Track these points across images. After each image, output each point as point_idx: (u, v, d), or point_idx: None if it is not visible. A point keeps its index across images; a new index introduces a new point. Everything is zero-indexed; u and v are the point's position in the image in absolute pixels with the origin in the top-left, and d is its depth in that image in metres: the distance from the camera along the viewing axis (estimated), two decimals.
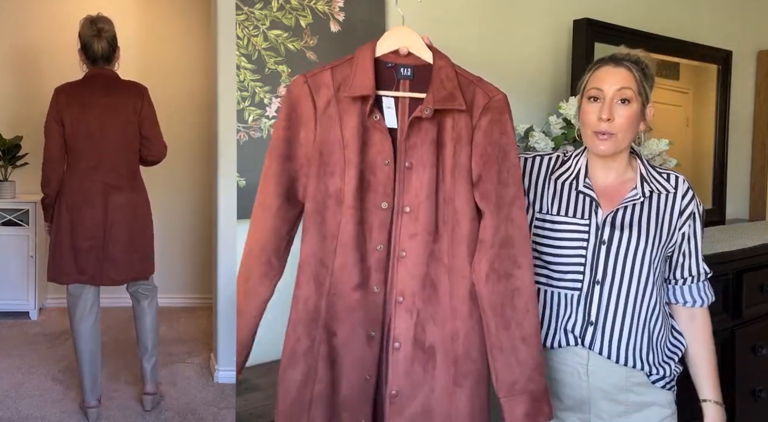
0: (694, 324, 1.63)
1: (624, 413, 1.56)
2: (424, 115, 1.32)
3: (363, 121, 1.34)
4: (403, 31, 1.40)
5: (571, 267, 1.56)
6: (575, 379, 1.57)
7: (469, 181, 1.35)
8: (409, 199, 1.35)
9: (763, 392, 2.73)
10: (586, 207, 1.56)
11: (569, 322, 1.56)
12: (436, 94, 1.33)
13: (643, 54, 1.56)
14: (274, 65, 1.98)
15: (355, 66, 1.36)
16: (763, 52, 3.73)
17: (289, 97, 1.38)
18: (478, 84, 1.39)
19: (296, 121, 1.37)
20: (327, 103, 1.36)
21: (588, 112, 1.53)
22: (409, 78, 1.38)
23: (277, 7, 1.97)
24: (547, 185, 1.61)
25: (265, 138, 1.98)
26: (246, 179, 1.97)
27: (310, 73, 1.38)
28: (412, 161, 1.35)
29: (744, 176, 3.75)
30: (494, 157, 1.35)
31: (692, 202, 1.58)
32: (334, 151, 1.35)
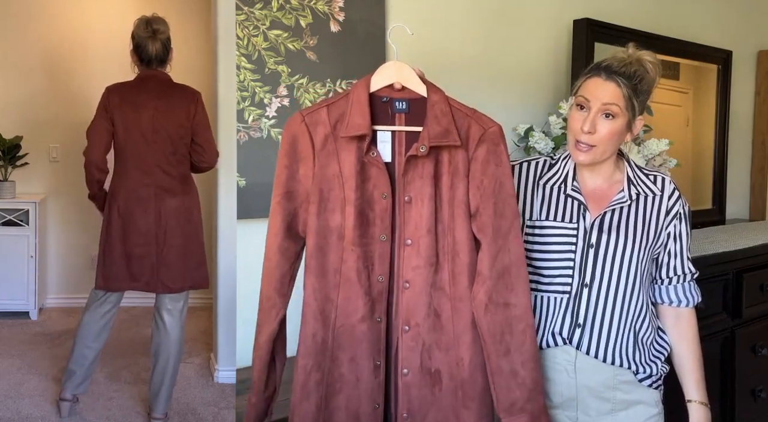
0: (680, 324, 1.64)
1: (611, 411, 1.57)
2: (419, 153, 1.36)
3: (360, 157, 1.38)
4: (396, 66, 1.42)
5: (560, 271, 1.57)
6: (563, 377, 1.59)
7: (467, 213, 1.40)
8: (410, 231, 1.40)
9: (763, 392, 2.73)
10: (574, 211, 1.57)
11: (557, 325, 1.58)
12: (431, 131, 1.37)
13: (649, 58, 1.53)
14: (274, 65, 1.98)
15: (350, 104, 1.39)
16: (763, 52, 3.73)
17: (288, 134, 1.42)
18: (473, 116, 1.42)
19: (296, 157, 1.41)
20: (324, 140, 1.39)
21: (574, 119, 1.54)
22: (405, 111, 1.42)
23: (277, 7, 1.97)
24: (536, 192, 1.62)
25: (265, 138, 1.98)
26: (246, 179, 1.97)
27: (306, 111, 1.42)
28: (410, 195, 1.40)
29: (744, 176, 3.75)
30: (491, 190, 1.39)
31: (678, 203, 1.59)
32: (333, 187, 1.39)
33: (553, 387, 1.60)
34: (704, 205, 3.36)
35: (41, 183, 4.06)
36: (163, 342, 2.55)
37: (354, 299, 1.39)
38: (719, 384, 2.59)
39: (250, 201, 1.97)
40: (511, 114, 2.49)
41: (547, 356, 1.60)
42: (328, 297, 1.40)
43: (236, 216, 1.98)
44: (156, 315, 2.59)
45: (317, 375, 1.42)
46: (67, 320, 3.86)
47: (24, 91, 4.04)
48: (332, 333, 1.41)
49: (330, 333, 1.41)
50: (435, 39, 2.26)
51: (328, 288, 1.40)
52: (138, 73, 2.53)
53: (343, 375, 1.41)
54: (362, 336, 1.40)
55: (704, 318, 2.33)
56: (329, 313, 1.40)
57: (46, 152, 4.03)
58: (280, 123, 1.99)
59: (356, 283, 1.39)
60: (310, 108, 1.42)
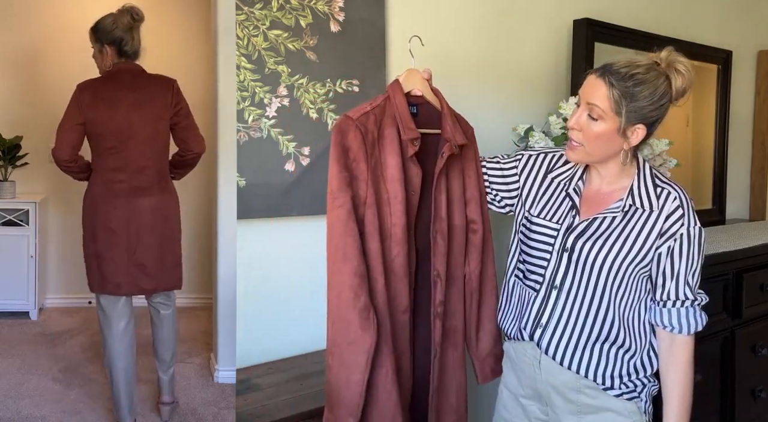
0: (673, 350, 1.54)
1: (577, 412, 1.56)
2: (454, 152, 1.55)
3: (404, 158, 1.51)
4: (419, 75, 1.60)
5: (535, 268, 1.59)
6: (531, 370, 1.61)
7: (463, 201, 1.64)
8: (439, 225, 1.58)
9: (763, 392, 2.73)
10: (565, 211, 1.56)
11: (524, 320, 1.60)
12: (456, 132, 1.56)
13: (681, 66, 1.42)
14: (274, 65, 1.98)
15: (397, 108, 1.52)
16: (763, 52, 3.73)
17: (340, 138, 1.45)
18: (459, 118, 1.64)
19: (353, 160, 1.46)
20: (373, 143, 1.48)
21: (572, 115, 1.51)
22: (415, 115, 1.57)
23: (277, 7, 1.97)
24: (542, 185, 1.62)
25: (265, 138, 1.98)
26: (246, 179, 1.96)
27: (354, 114, 1.48)
28: (437, 190, 1.57)
29: (744, 176, 3.75)
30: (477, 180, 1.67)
31: (679, 223, 1.48)
32: (384, 189, 1.49)
33: (526, 380, 1.63)
34: (704, 205, 3.36)
35: (41, 183, 4.06)
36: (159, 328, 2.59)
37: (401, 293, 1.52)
38: (719, 384, 2.59)
39: (250, 201, 1.97)
40: (511, 114, 2.49)
41: (517, 348, 1.64)
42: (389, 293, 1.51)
43: (236, 217, 1.98)
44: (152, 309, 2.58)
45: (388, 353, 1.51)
46: (67, 320, 3.86)
47: (24, 91, 4.05)
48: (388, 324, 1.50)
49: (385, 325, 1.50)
50: (435, 39, 2.26)
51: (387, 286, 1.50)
52: (110, 67, 2.42)
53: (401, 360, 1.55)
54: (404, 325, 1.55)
55: None
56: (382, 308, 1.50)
57: (46, 152, 4.00)
58: (280, 123, 1.99)
59: (404, 277, 1.52)
60: (357, 111, 1.49)
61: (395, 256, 1.49)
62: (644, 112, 1.42)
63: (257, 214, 1.98)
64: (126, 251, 2.40)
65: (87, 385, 2.95)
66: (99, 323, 2.48)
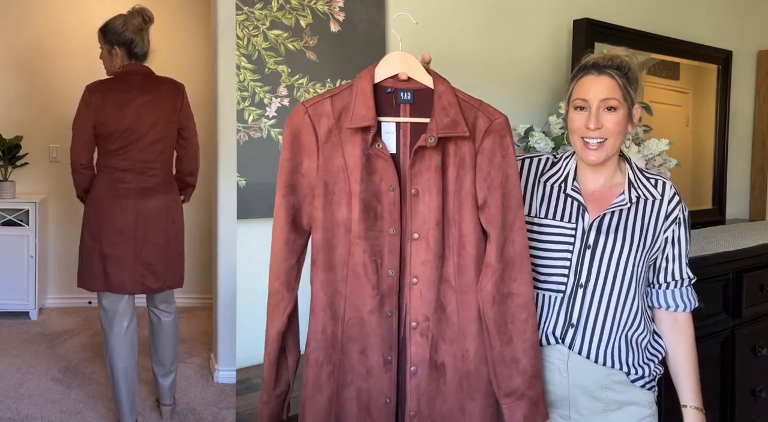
0: (677, 329, 1.63)
1: (603, 410, 1.58)
2: (428, 144, 1.34)
3: (365, 149, 1.36)
4: (402, 56, 1.40)
5: (556, 270, 1.58)
6: (556, 375, 1.59)
7: (474, 205, 1.39)
8: (418, 225, 1.38)
9: (763, 392, 2.73)
10: (573, 211, 1.58)
11: (550, 324, 1.58)
12: (439, 121, 1.35)
13: (623, 52, 1.55)
14: (274, 65, 1.98)
15: (354, 95, 1.37)
16: (763, 52, 3.73)
17: (290, 127, 1.39)
18: (479, 107, 1.41)
19: (299, 150, 1.39)
20: (328, 132, 1.37)
21: (575, 120, 1.54)
22: (410, 102, 1.40)
23: (277, 7, 1.97)
24: (536, 189, 1.62)
25: (265, 138, 1.98)
26: (246, 179, 1.97)
27: (309, 103, 1.39)
28: (417, 188, 1.38)
29: (744, 176, 3.75)
30: (498, 182, 1.39)
31: (677, 207, 1.58)
32: (338, 181, 1.37)
33: (546, 386, 1.60)
34: (704, 205, 3.36)
35: (41, 183, 4.06)
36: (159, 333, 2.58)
37: (361, 292, 1.38)
38: (719, 384, 2.59)
39: (250, 201, 1.97)
40: (511, 114, 2.45)
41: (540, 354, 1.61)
42: (337, 290, 1.39)
43: (236, 216, 1.98)
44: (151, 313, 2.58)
45: (328, 367, 1.40)
46: (67, 320, 3.86)
47: (25, 91, 4.05)
48: (341, 325, 1.39)
49: (339, 325, 1.39)
50: (435, 39, 2.26)
51: (336, 281, 1.39)
52: (120, 68, 2.44)
53: (353, 366, 1.40)
54: (371, 329, 1.39)
55: (704, 318, 2.34)
56: (338, 306, 1.39)
57: (46, 152, 4.04)
58: (280, 123, 1.99)
59: (363, 277, 1.37)
60: (313, 99, 1.39)
61: (354, 252, 1.37)
62: (636, 93, 1.56)
63: (257, 214, 1.98)
64: (133, 250, 2.42)
65: (87, 385, 2.95)
66: (100, 323, 2.48)
